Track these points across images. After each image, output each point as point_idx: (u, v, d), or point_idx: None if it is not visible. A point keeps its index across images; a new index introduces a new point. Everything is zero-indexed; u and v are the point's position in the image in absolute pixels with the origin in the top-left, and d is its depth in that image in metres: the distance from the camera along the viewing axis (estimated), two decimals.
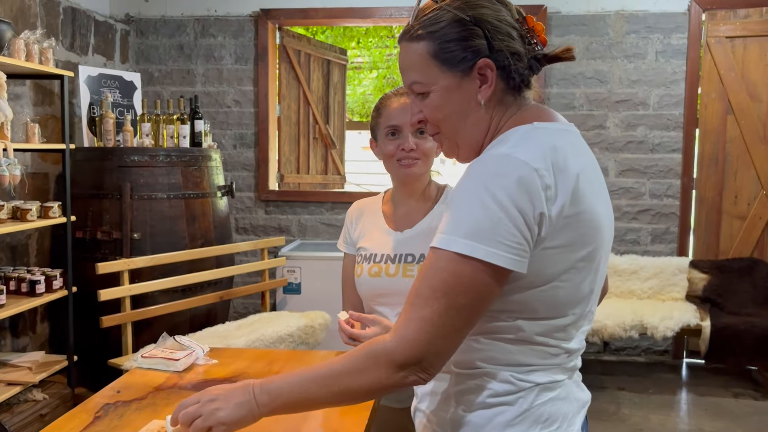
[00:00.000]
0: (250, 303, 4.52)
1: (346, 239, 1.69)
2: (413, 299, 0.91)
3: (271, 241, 3.81)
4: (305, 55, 4.84)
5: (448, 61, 0.98)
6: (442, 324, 0.89)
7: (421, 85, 1.01)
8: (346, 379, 0.94)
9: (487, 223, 0.88)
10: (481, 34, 0.98)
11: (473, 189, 0.91)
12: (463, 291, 0.89)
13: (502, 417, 0.99)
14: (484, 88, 0.99)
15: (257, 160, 4.53)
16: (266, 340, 3.27)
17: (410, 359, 0.90)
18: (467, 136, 1.03)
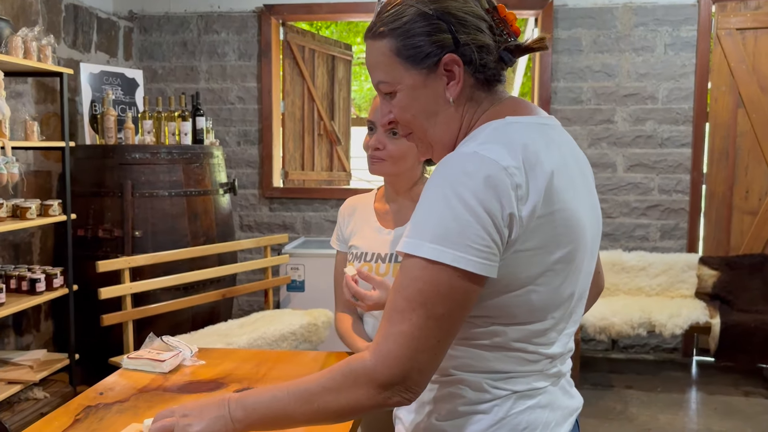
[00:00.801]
0: (255, 301, 4.51)
1: (338, 236, 1.66)
2: (390, 313, 0.86)
3: (274, 239, 3.79)
4: (309, 51, 4.80)
5: (412, 58, 0.94)
6: (423, 337, 0.84)
7: (387, 85, 0.97)
8: (326, 397, 0.89)
9: (453, 225, 0.83)
10: (445, 28, 0.93)
11: (439, 190, 0.86)
12: (440, 300, 0.84)
13: (476, 426, 0.95)
14: (451, 84, 0.94)
15: (261, 157, 4.50)
16: (268, 338, 3.25)
17: (393, 378, 0.84)
18: (438, 135, 0.98)
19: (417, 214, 0.88)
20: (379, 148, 1.45)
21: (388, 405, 0.87)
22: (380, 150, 1.45)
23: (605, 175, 4.24)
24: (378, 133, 1.46)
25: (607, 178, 4.24)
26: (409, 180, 1.53)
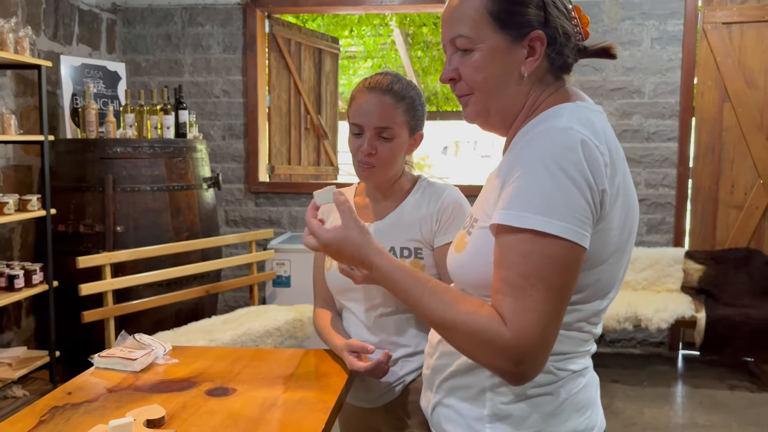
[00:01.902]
0: (240, 296, 4.47)
1: None
2: (511, 281, 0.86)
3: (259, 234, 3.75)
4: (296, 44, 4.76)
5: (503, 22, 0.94)
6: (548, 311, 0.85)
7: (467, 41, 0.96)
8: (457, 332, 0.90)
9: (558, 196, 0.85)
10: (540, 4, 0.95)
11: (539, 162, 0.86)
12: (556, 272, 0.85)
13: (544, 408, 0.96)
14: (530, 60, 0.96)
15: (247, 152, 4.46)
16: (253, 334, 3.21)
17: (526, 354, 0.85)
18: (502, 105, 0.99)
19: (517, 186, 0.87)
20: (372, 153, 1.41)
21: (516, 379, 0.88)
22: (373, 155, 1.41)
23: None
24: (369, 137, 1.41)
25: None
26: (394, 175, 1.50)
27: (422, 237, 1.44)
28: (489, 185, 1.00)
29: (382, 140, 1.41)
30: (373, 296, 1.44)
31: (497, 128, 1.03)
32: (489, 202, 0.95)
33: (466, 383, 1.00)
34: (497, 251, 0.89)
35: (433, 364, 1.07)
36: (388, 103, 1.40)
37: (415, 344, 1.43)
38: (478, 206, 1.01)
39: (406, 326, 1.44)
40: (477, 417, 0.99)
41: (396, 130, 1.41)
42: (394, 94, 1.41)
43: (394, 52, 7.30)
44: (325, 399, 1.22)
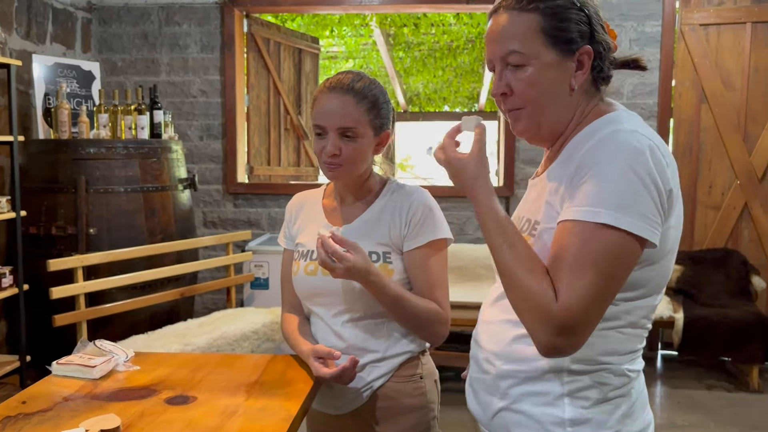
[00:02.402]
0: (219, 299, 4.42)
1: (285, 234, 1.60)
2: (566, 260, 0.93)
3: (237, 235, 3.70)
4: (275, 44, 4.71)
5: (555, 39, 1.01)
6: (597, 295, 0.92)
7: (521, 56, 1.02)
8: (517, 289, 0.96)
9: (630, 195, 0.91)
10: (585, 20, 1.02)
11: (614, 163, 0.93)
12: (611, 261, 0.92)
13: (621, 410, 1.02)
14: (579, 74, 1.03)
15: (225, 152, 4.41)
16: (229, 338, 3.17)
17: (569, 327, 0.91)
18: (554, 118, 1.05)
19: (592, 185, 0.93)
20: (337, 153, 1.39)
21: (550, 350, 0.94)
22: (337, 155, 1.39)
23: None
24: (333, 138, 1.39)
25: None
26: (361, 176, 1.47)
27: (391, 241, 1.41)
28: (541, 189, 1.06)
29: (346, 140, 1.38)
30: (341, 301, 1.41)
31: (546, 141, 1.09)
32: (551, 204, 1.02)
33: (540, 389, 1.04)
34: (560, 234, 0.95)
35: (501, 370, 1.08)
36: (350, 102, 1.37)
37: (383, 349, 1.41)
38: (532, 210, 1.07)
39: (375, 331, 1.41)
40: (556, 422, 1.02)
41: (359, 129, 1.38)
42: (356, 92, 1.38)
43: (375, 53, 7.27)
44: (288, 406, 1.19)
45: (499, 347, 1.09)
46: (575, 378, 1.02)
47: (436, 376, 1.49)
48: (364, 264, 1.30)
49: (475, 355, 1.17)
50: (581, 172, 0.96)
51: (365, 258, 1.31)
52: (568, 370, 1.02)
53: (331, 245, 1.29)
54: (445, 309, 1.41)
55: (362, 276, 1.30)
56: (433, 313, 1.38)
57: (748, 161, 4.04)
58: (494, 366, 1.09)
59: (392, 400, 1.40)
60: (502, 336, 1.09)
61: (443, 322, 1.41)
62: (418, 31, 6.13)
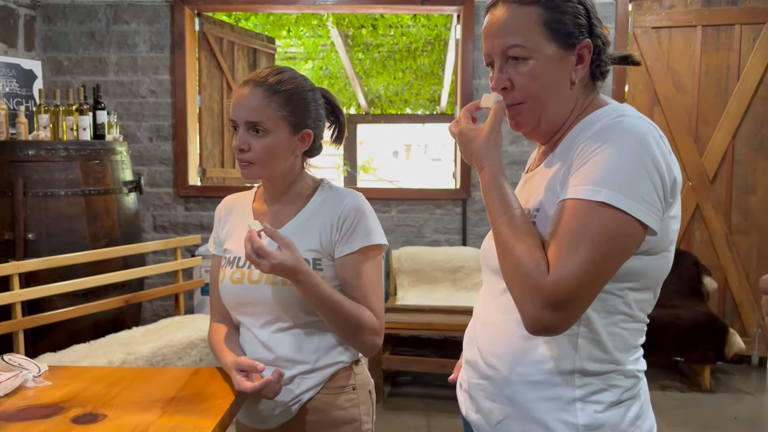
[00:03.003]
0: (170, 305, 4.29)
1: (215, 238, 1.53)
2: (560, 243, 0.91)
3: (185, 240, 3.59)
4: (228, 43, 4.61)
5: (556, 32, 1.01)
6: (590, 271, 0.90)
7: (522, 50, 1.01)
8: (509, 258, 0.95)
9: (632, 179, 0.91)
10: (584, 14, 1.02)
11: (619, 146, 0.93)
12: (608, 239, 0.90)
13: (633, 411, 1.02)
14: (579, 67, 1.03)
15: (175, 154, 4.29)
16: (175, 346, 3.06)
17: (560, 300, 0.89)
18: (554, 111, 1.04)
19: (592, 166, 0.93)
20: (244, 149, 1.32)
21: (537, 324, 0.91)
22: (246, 152, 1.32)
23: None
24: (241, 132, 1.32)
25: None
26: (287, 177, 1.40)
27: (321, 247, 1.34)
28: (540, 179, 1.06)
29: (255, 136, 1.31)
30: (269, 311, 1.33)
31: (544, 135, 1.08)
32: (551, 189, 1.01)
33: (551, 394, 1.00)
34: (558, 212, 0.95)
35: (506, 374, 1.03)
36: (260, 96, 1.31)
37: (313, 360, 1.34)
38: (531, 199, 1.06)
39: (305, 342, 1.34)
40: (569, 428, 0.99)
41: (269, 124, 1.31)
42: (268, 86, 1.31)
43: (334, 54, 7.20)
44: (203, 425, 1.11)
45: (504, 349, 1.04)
46: (587, 381, 1.00)
47: (371, 387, 1.43)
48: (293, 262, 1.23)
49: (472, 360, 1.11)
50: (584, 154, 0.95)
51: (296, 256, 1.24)
52: (580, 371, 0.99)
53: (257, 240, 1.22)
54: (380, 318, 1.35)
55: (291, 274, 1.24)
56: (366, 320, 1.32)
57: (700, 163, 4.09)
58: (498, 370, 1.04)
59: (323, 414, 1.33)
60: (507, 337, 1.04)
61: (377, 331, 1.34)
62: (377, 32, 6.08)
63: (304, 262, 1.26)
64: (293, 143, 1.35)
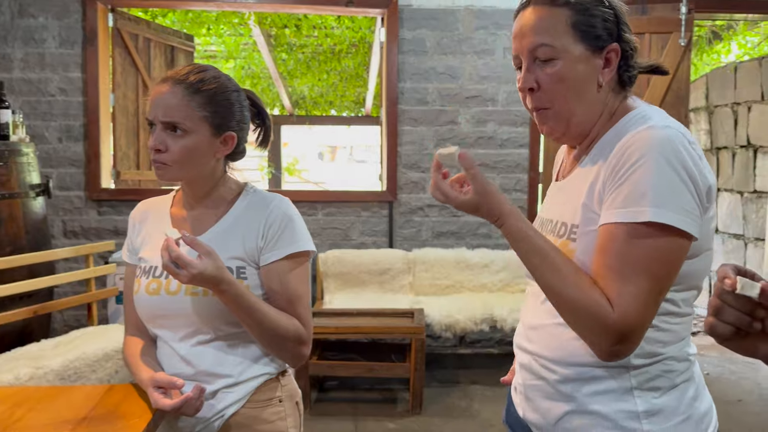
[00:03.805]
0: (82, 315, 4.07)
1: (128, 246, 1.44)
2: (617, 268, 0.94)
3: (98, 246, 3.41)
4: (144, 40, 4.43)
5: (584, 34, 1.02)
6: (651, 298, 0.94)
7: (551, 50, 1.02)
8: (566, 307, 0.97)
9: (668, 191, 0.92)
10: (613, 18, 1.04)
11: (650, 160, 0.93)
12: (660, 260, 0.93)
13: (689, 394, 1.05)
14: (606, 71, 1.04)
15: (87, 155, 4.08)
16: (89, 358, 2.90)
17: (628, 334, 0.93)
18: (582, 114, 1.05)
19: (632, 185, 0.94)
20: (160, 149, 1.25)
21: (612, 356, 0.96)
22: (162, 152, 1.26)
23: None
24: (157, 131, 1.26)
25: None
26: (207, 181, 1.34)
27: (246, 254, 1.29)
28: (573, 190, 1.06)
29: (173, 136, 1.25)
30: (188, 323, 1.27)
31: (575, 139, 1.09)
32: (588, 206, 1.02)
33: (608, 387, 1.03)
34: (603, 238, 0.96)
35: (562, 374, 1.06)
36: (180, 94, 1.24)
37: (237, 373, 1.28)
38: (567, 213, 1.07)
39: (227, 354, 1.28)
40: (630, 417, 1.02)
41: (188, 124, 1.24)
42: (189, 85, 1.25)
43: (257, 54, 7.07)
44: None
45: (557, 353, 1.07)
46: (642, 370, 1.03)
47: (298, 398, 1.39)
48: (215, 271, 1.16)
49: (526, 363, 1.14)
50: (618, 173, 0.96)
51: (218, 265, 1.18)
52: (633, 366, 1.03)
53: (174, 249, 1.15)
54: (308, 327, 1.31)
55: (213, 284, 1.18)
56: (293, 330, 1.28)
57: None
58: (554, 372, 1.08)
59: (247, 428, 1.28)
60: (558, 339, 1.07)
61: (305, 341, 1.30)
62: (300, 32, 6.01)
63: (226, 271, 1.20)
64: (214, 146, 1.30)
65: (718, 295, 0.72)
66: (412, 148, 4.27)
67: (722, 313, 0.72)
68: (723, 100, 5.36)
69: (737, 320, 0.71)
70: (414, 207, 4.29)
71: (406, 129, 4.26)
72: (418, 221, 4.30)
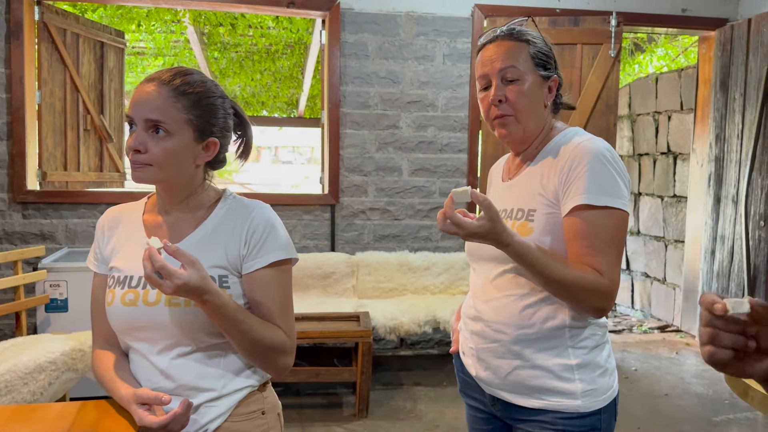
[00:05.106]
0: (6, 325, 3.83)
1: (96, 255, 1.36)
2: (596, 246, 1.23)
3: (27, 252, 3.22)
4: (72, 35, 4.22)
5: (539, 65, 1.35)
6: (619, 264, 1.26)
7: (518, 72, 1.32)
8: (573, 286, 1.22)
9: (615, 185, 1.25)
10: (553, 57, 1.38)
11: (598, 163, 1.25)
12: (620, 234, 1.25)
13: (605, 351, 1.40)
14: (548, 95, 1.37)
15: (11, 155, 3.84)
16: (20, 371, 2.73)
17: (614, 292, 1.24)
18: (534, 125, 1.36)
19: (584, 179, 1.25)
20: (140, 150, 1.20)
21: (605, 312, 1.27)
22: (142, 153, 1.21)
23: (392, 178, 4.33)
24: (138, 131, 1.21)
25: (394, 182, 4.33)
26: (186, 187, 1.29)
27: (228, 262, 1.25)
28: (526, 184, 1.35)
29: (155, 137, 1.21)
30: (168, 335, 1.22)
31: (521, 144, 1.38)
32: (543, 195, 1.30)
33: (550, 345, 1.31)
34: (576, 224, 1.24)
35: (514, 336, 1.33)
36: (164, 95, 1.20)
37: (220, 387, 1.24)
38: (522, 201, 1.34)
39: (209, 367, 1.24)
40: (565, 368, 1.30)
41: (171, 126, 1.20)
42: (174, 87, 1.21)
43: (188, 51, 6.85)
44: None
45: (510, 318, 1.33)
46: (576, 332, 1.31)
47: (279, 409, 1.36)
48: (199, 281, 1.12)
49: (479, 330, 1.39)
50: (572, 171, 1.26)
51: (202, 275, 1.14)
52: (569, 326, 1.30)
53: (158, 259, 1.10)
54: (291, 337, 1.28)
55: (197, 295, 1.13)
56: (277, 340, 1.25)
57: None
58: (506, 334, 1.34)
59: None
60: (511, 308, 1.33)
61: (288, 351, 1.28)
62: (235, 31, 5.88)
63: (210, 281, 1.16)
64: (196, 151, 1.25)
65: (708, 323, 0.73)
66: (354, 151, 4.27)
67: (718, 340, 0.72)
68: (645, 108, 5.67)
69: (735, 342, 0.72)
70: (356, 210, 4.30)
71: (348, 132, 4.26)
72: (360, 224, 4.31)
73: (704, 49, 4.72)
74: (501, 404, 1.39)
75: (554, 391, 1.31)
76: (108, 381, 1.24)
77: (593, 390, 1.31)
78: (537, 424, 1.33)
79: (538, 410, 1.32)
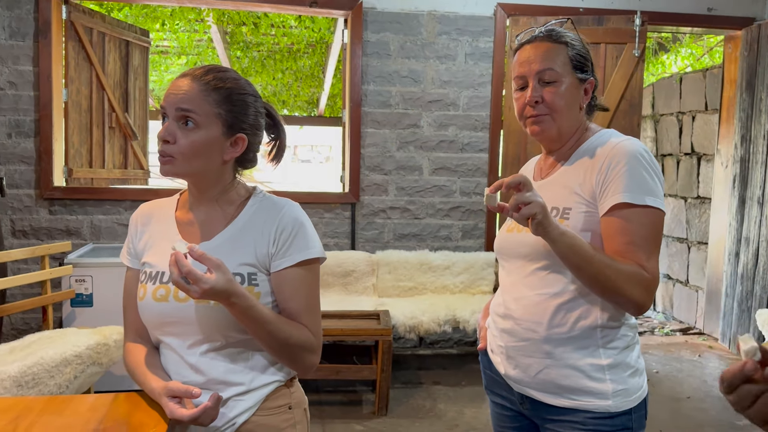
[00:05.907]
0: (32, 319, 3.91)
1: (129, 250, 1.39)
2: (637, 243, 1.25)
3: (54, 247, 3.28)
4: (99, 34, 4.28)
5: (577, 68, 1.36)
6: (658, 261, 1.28)
7: (555, 74, 1.34)
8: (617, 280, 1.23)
9: (654, 184, 1.27)
10: (590, 59, 1.39)
11: (636, 163, 1.27)
12: (659, 231, 1.28)
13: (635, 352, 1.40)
14: (585, 98, 1.39)
15: (38, 152, 3.91)
16: (47, 364, 2.79)
17: (656, 286, 1.26)
18: (569, 126, 1.37)
19: (624, 178, 1.26)
20: (168, 140, 1.22)
21: (646, 308, 1.27)
22: (170, 143, 1.22)
23: (413, 177, 4.33)
24: (169, 122, 1.22)
25: (415, 181, 4.34)
26: (216, 184, 1.30)
27: (257, 260, 1.27)
28: (561, 183, 1.36)
29: (184, 129, 1.23)
30: (198, 331, 1.24)
31: (557, 143, 1.39)
32: (579, 194, 1.31)
33: (581, 345, 1.31)
34: (616, 222, 1.26)
35: (545, 335, 1.33)
36: (197, 89, 1.23)
37: (248, 381, 1.26)
38: (558, 199, 1.35)
39: (238, 361, 1.26)
40: (596, 369, 1.31)
41: (201, 118, 1.22)
42: (207, 82, 1.24)
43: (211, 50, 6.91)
44: None
45: (541, 317, 1.34)
46: (606, 333, 1.32)
47: (306, 405, 1.37)
48: (226, 285, 1.14)
49: (509, 328, 1.40)
50: (610, 171, 1.27)
51: (228, 278, 1.15)
52: (601, 326, 1.31)
53: (185, 264, 1.11)
54: (317, 336, 1.30)
55: (224, 298, 1.15)
56: (303, 339, 1.26)
57: None
58: (537, 332, 1.34)
59: None
60: (543, 307, 1.34)
61: (315, 350, 1.29)
62: (258, 31, 5.92)
63: (236, 284, 1.17)
64: (224, 146, 1.27)
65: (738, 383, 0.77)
66: (375, 150, 4.28)
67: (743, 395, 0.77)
68: (668, 109, 5.61)
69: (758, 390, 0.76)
70: (376, 209, 4.31)
71: (369, 131, 4.27)
72: (381, 223, 4.32)
73: (730, 48, 4.66)
74: (530, 403, 1.40)
75: (585, 391, 1.31)
76: (139, 374, 1.26)
77: (624, 390, 1.32)
78: (567, 423, 1.34)
79: (569, 410, 1.33)
